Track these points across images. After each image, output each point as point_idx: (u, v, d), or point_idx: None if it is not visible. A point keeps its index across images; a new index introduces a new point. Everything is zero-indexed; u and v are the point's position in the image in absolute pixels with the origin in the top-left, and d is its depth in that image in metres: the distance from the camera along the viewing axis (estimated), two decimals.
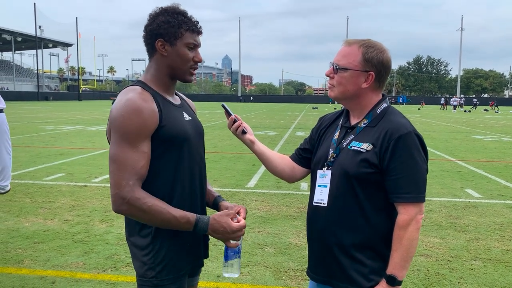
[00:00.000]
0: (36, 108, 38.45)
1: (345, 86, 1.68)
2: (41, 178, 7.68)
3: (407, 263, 1.60)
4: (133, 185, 1.55)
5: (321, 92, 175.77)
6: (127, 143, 1.55)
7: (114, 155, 1.56)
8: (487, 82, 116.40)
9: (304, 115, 32.32)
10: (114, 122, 1.57)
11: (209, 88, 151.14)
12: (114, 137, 1.57)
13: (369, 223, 1.64)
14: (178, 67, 1.69)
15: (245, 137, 1.90)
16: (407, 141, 1.59)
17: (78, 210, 5.72)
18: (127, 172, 1.54)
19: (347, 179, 1.65)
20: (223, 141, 13.78)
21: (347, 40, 1.73)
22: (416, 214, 1.59)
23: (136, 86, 1.66)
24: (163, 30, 1.64)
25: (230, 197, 6.47)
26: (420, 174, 1.60)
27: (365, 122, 1.70)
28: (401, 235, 1.58)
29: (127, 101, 1.57)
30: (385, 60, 1.67)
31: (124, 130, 1.55)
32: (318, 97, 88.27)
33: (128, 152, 1.55)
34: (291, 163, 1.94)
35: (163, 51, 1.66)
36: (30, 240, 4.57)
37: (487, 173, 8.76)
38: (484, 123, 25.75)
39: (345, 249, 1.66)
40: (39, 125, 19.18)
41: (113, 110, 1.59)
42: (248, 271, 3.90)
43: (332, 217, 1.68)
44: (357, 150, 1.65)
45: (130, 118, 1.55)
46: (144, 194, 1.56)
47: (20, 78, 79.36)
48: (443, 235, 4.95)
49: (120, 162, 1.55)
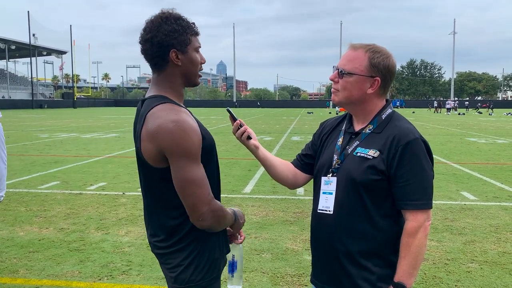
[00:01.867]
0: (31, 116, 38.28)
1: (350, 91, 1.66)
2: (36, 186, 7.63)
3: (415, 271, 1.58)
4: (213, 198, 1.61)
5: (316, 96, 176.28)
6: (195, 162, 1.56)
7: (187, 177, 1.55)
8: (480, 85, 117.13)
9: (300, 120, 32.38)
10: (174, 147, 1.52)
11: (204, 94, 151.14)
12: (179, 161, 1.54)
13: (376, 230, 1.62)
14: (192, 73, 1.68)
15: (250, 142, 1.85)
16: (414, 148, 1.57)
17: (74, 218, 5.68)
18: (206, 188, 1.58)
19: (353, 186, 1.62)
20: (219, 146, 13.76)
21: (353, 44, 1.69)
22: (424, 221, 1.57)
23: (167, 103, 1.59)
24: (174, 39, 1.59)
25: (227, 203, 6.45)
26: (427, 180, 1.59)
27: (370, 128, 1.68)
28: (410, 242, 1.56)
29: (178, 122, 1.53)
30: (391, 65, 1.66)
31: (190, 152, 1.54)
32: (313, 102, 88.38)
33: (198, 170, 1.57)
34: (293, 169, 1.90)
35: (177, 61, 1.62)
36: (25, 249, 4.53)
37: (482, 175, 8.80)
38: (479, 126, 25.89)
39: (352, 257, 1.64)
40: (34, 133, 19.10)
41: (165, 134, 1.51)
42: (245, 278, 3.88)
43: (339, 225, 1.65)
44: (363, 156, 1.62)
45: (192, 139, 1.54)
46: (221, 205, 1.66)
47: (14, 86, 79.01)
48: (439, 238, 4.95)
49: (198, 182, 1.56)
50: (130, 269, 4.03)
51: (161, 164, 1.58)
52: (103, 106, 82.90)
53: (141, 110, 1.65)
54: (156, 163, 1.58)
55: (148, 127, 1.55)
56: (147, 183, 1.68)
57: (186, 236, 1.64)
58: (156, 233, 1.70)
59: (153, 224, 1.72)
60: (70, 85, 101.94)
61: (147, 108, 1.60)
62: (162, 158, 1.56)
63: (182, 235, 1.64)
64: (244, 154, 11.46)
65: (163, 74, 1.65)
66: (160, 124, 1.52)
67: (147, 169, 1.63)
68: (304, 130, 21.78)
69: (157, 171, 1.60)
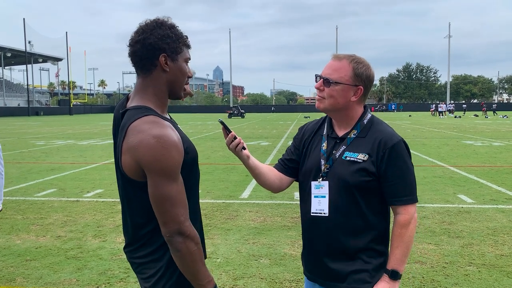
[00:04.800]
0: (27, 123, 38.19)
1: (336, 99, 1.77)
2: (32, 194, 7.60)
3: (406, 258, 1.76)
4: (188, 219, 1.54)
5: (312, 101, 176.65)
6: (172, 179, 1.51)
7: (163, 194, 1.50)
8: (476, 88, 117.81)
9: (297, 124, 32.41)
10: (152, 163, 1.48)
11: (201, 100, 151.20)
12: (156, 178, 1.49)
13: (370, 226, 1.76)
14: (178, 84, 1.65)
15: (243, 153, 1.90)
16: (399, 149, 1.73)
17: (71, 225, 5.66)
18: (182, 207, 1.52)
19: (347, 188, 1.74)
20: (216, 152, 13.77)
21: (336, 55, 1.81)
22: (414, 213, 1.76)
23: (150, 116, 1.54)
24: (166, 44, 1.57)
25: (224, 209, 6.44)
26: (412, 177, 1.77)
27: (355, 133, 1.80)
28: (403, 233, 1.73)
29: (160, 138, 1.48)
30: (371, 75, 1.80)
31: (167, 169, 1.49)
32: (310, 106, 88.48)
33: (174, 187, 1.51)
34: (278, 174, 1.97)
35: (165, 67, 1.59)
36: (22, 258, 4.51)
37: (479, 178, 8.82)
38: (475, 128, 26.00)
39: (348, 253, 1.76)
40: (30, 140, 19.04)
41: (145, 150, 1.47)
42: (243, 284, 3.87)
43: (335, 225, 1.76)
44: (353, 160, 1.74)
45: (172, 156, 1.49)
46: (197, 233, 1.56)
47: (10, 93, 78.94)
48: (437, 241, 4.96)
49: (171, 199, 1.50)
50: (128, 276, 4.02)
51: (140, 178, 1.55)
52: (99, 113, 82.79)
53: (122, 121, 1.60)
54: (135, 176, 1.55)
55: (129, 141, 1.51)
56: (125, 193, 1.65)
57: (161, 247, 1.61)
58: (131, 242, 1.68)
59: (129, 232, 1.69)
60: (66, 92, 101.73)
61: (128, 120, 1.56)
62: (142, 173, 1.53)
63: (156, 247, 1.62)
64: None
65: (148, 78, 1.61)
66: (141, 139, 1.48)
67: (126, 180, 1.60)
68: None
69: (136, 183, 1.57)
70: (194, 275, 1.56)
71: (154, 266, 1.62)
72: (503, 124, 31.79)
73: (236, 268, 4.21)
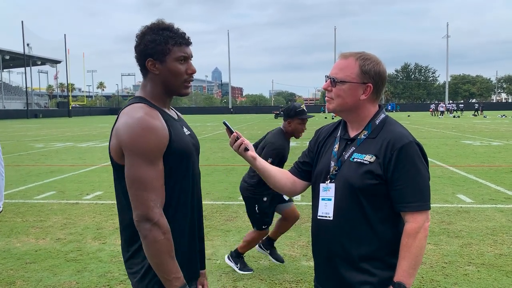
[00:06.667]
0: (26, 126, 38.14)
1: (344, 99, 1.69)
2: (32, 197, 7.60)
3: (415, 271, 1.60)
4: (160, 207, 1.54)
5: (311, 102, 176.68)
6: (147, 162, 1.52)
7: (136, 176, 1.51)
8: (474, 87, 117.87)
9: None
10: (129, 143, 1.52)
11: (200, 101, 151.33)
12: (132, 158, 1.52)
13: (376, 234, 1.65)
14: (172, 83, 1.68)
15: (248, 154, 1.84)
16: (409, 151, 1.61)
17: (70, 228, 5.66)
18: (153, 193, 1.52)
19: (352, 192, 1.65)
20: (215, 153, 13.77)
21: (343, 53, 1.74)
22: (424, 222, 1.60)
23: (140, 103, 1.63)
24: (150, 49, 1.63)
25: (224, 210, 6.45)
26: (424, 182, 1.62)
27: (365, 134, 1.71)
28: (410, 243, 1.59)
29: (139, 119, 1.53)
30: (381, 71, 1.70)
31: (142, 150, 1.51)
32: (310, 107, 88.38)
33: (148, 171, 1.52)
34: (291, 177, 1.91)
35: (154, 70, 1.66)
36: (21, 261, 4.51)
37: (478, 178, 8.84)
38: (473, 128, 26.02)
39: (352, 261, 1.66)
40: (29, 143, 19.02)
41: (124, 129, 1.54)
42: (243, 285, 3.88)
43: (339, 230, 1.68)
44: (360, 162, 1.65)
45: (147, 137, 1.52)
46: (167, 223, 1.55)
47: (9, 96, 78.80)
48: (436, 241, 4.97)
49: (143, 182, 1.51)
50: (128, 279, 4.01)
51: (122, 161, 1.58)
52: (98, 115, 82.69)
53: None
54: (118, 159, 1.60)
55: (117, 124, 1.61)
56: (116, 183, 1.69)
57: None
58: (121, 234, 1.72)
59: (120, 225, 1.71)
60: (65, 94, 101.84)
61: (122, 107, 1.68)
62: (123, 154, 1.57)
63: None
64: (240, 161, 11.41)
65: (145, 80, 1.72)
66: (124, 121, 1.57)
67: (114, 167, 1.65)
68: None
69: (120, 168, 1.60)
70: (159, 266, 1.55)
71: (139, 263, 1.64)
72: (501, 123, 31.83)
73: (236, 270, 4.21)
